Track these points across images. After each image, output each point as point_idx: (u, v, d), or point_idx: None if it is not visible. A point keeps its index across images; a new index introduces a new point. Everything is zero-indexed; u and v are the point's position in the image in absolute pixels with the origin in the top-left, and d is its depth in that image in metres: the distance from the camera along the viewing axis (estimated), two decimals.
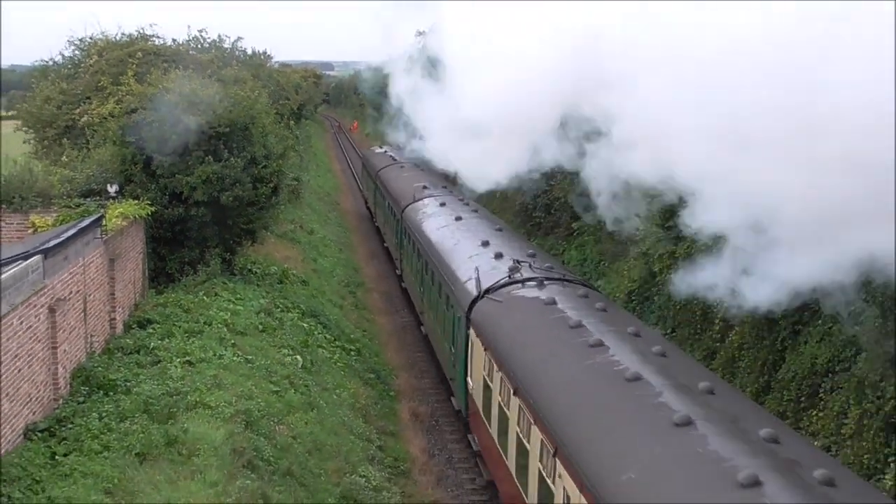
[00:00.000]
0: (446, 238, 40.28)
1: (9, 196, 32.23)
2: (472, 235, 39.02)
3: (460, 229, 40.95)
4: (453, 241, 39.05)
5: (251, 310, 34.72)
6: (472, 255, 35.06)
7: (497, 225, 43.45)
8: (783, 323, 28.82)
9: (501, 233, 40.19)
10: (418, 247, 44.67)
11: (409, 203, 52.41)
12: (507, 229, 43.45)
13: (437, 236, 41.59)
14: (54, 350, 22.60)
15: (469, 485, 30.53)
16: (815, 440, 25.04)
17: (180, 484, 20.10)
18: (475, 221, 43.24)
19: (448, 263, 36.40)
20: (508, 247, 35.90)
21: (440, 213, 46.40)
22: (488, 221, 44.40)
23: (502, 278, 30.55)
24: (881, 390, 23.59)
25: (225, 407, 24.39)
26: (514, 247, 36.33)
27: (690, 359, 26.04)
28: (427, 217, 47.08)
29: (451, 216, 44.23)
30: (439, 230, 42.31)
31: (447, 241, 39.61)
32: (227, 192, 36.12)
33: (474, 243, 36.90)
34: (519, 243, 38.58)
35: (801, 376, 27.31)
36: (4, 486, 17.75)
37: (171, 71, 40.19)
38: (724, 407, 18.15)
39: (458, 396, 33.24)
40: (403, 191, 57.20)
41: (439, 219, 45.03)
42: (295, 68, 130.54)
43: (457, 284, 33.44)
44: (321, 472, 25.26)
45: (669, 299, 37.82)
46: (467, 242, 37.88)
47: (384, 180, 67.82)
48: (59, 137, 44.54)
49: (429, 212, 48.15)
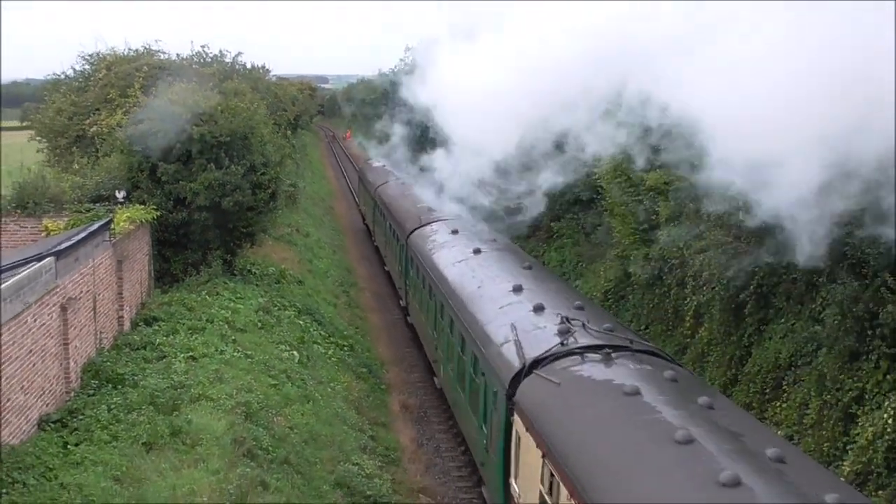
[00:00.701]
0: (466, 277, 32.73)
1: (23, 201, 32.36)
2: (498, 275, 31.35)
3: (482, 266, 33.48)
4: (476, 283, 31.23)
5: (250, 308, 34.75)
6: (504, 306, 27.25)
7: (525, 261, 34.27)
8: (749, 320, 28.96)
9: (532, 271, 31.80)
10: (430, 283, 37.14)
11: (415, 227, 44.78)
12: (537, 265, 34.93)
13: (453, 273, 34.10)
14: (66, 346, 22.61)
15: (455, 472, 30.59)
16: (779, 430, 25.16)
17: (184, 471, 20.12)
18: (497, 255, 35.33)
19: (473, 313, 28.54)
20: (546, 294, 27.79)
21: (454, 243, 38.70)
22: (512, 255, 36.08)
23: (553, 346, 22.29)
24: (840, 383, 23.73)
25: (226, 399, 24.45)
26: (553, 293, 28.19)
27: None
28: (438, 247, 39.38)
29: (468, 247, 36.58)
30: (456, 266, 34.94)
31: (468, 282, 31.90)
32: (228, 198, 36.19)
33: (503, 287, 29.19)
34: (557, 287, 30.42)
35: (766, 370, 27.43)
36: (20, 473, 17.78)
37: (175, 84, 40.20)
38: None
39: (495, 494, 24.51)
40: (407, 212, 49.65)
41: (453, 250, 37.44)
42: (291, 81, 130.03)
43: (489, 347, 25.24)
44: (317, 460, 25.26)
45: (643, 297, 37.98)
46: (494, 286, 30.05)
47: (385, 199, 59.24)
48: (70, 146, 44.62)
49: (439, 240, 40.54)
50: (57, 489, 17.73)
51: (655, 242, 35.48)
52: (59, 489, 17.75)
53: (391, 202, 56.35)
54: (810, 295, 25.98)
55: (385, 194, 60.34)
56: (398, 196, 56.64)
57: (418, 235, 43.35)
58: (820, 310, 25.03)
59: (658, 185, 35.21)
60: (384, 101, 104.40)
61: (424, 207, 48.91)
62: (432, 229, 43.19)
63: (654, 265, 36.19)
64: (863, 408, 22.85)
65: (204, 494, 19.13)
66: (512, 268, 32.50)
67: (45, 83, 53.24)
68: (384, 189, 62.15)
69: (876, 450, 21.51)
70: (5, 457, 18.09)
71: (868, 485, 21.37)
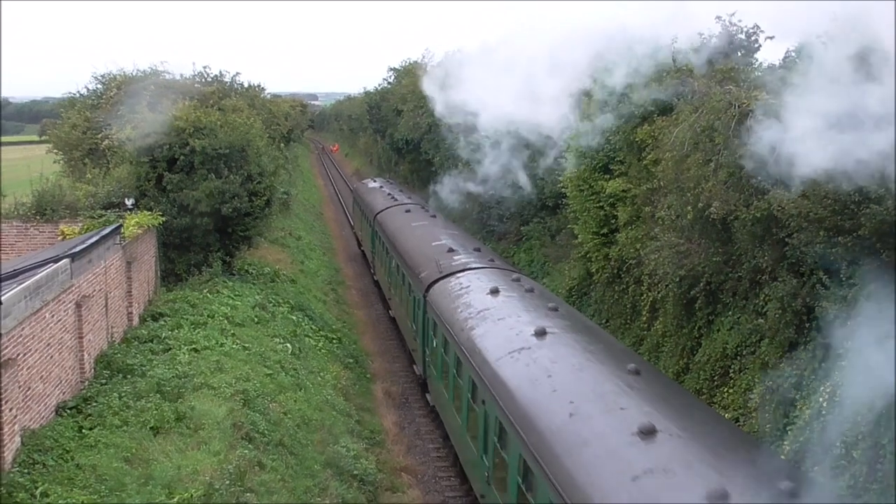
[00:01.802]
0: (541, 386, 19.70)
1: (42, 208, 32.43)
2: (595, 378, 19.27)
3: (559, 363, 20.62)
4: (565, 410, 18.08)
5: (248, 305, 34.75)
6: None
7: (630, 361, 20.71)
8: (700, 314, 29.09)
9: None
10: (474, 377, 23.60)
11: (435, 279, 32.01)
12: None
13: (519, 380, 20.54)
14: (80, 339, 22.58)
15: (434, 453, 30.67)
16: (726, 413, 25.30)
17: (188, 453, 20.14)
18: (570, 339, 22.51)
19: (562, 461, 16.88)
20: None
21: (505, 311, 25.62)
22: (591, 335, 23.20)
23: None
24: (780, 370, 23.88)
25: (226, 388, 24.48)
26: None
27: None
28: (477, 320, 25.67)
29: (529, 327, 23.20)
30: (514, 361, 21.55)
31: (551, 402, 18.81)
32: (227, 205, 36.27)
33: (604, 407, 17.60)
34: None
35: (715, 359, 27.54)
36: (40, 455, 17.80)
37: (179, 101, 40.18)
38: None
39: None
40: (421, 254, 37.03)
41: (508, 332, 23.62)
42: (284, 98, 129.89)
43: None
44: (308, 442, 25.30)
45: (604, 294, 38.11)
46: (588, 402, 18.03)
47: (388, 231, 46.32)
48: (84, 158, 44.46)
49: (475, 304, 27.16)
50: (73, 469, 17.75)
51: (615, 244, 35.64)
52: (76, 469, 17.76)
53: (397, 235, 43.69)
54: (754, 291, 26.12)
55: (388, 224, 47.64)
56: (404, 228, 44.49)
57: (441, 292, 30.67)
58: (763, 305, 25.16)
59: (617, 192, 35.38)
60: (369, 118, 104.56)
61: (443, 247, 36.78)
62: (460, 283, 30.50)
63: (613, 265, 36.35)
64: (800, 392, 22.99)
65: (206, 473, 19.16)
66: (612, 372, 19.48)
67: (62, 101, 53.23)
68: (386, 217, 49.56)
69: (812, 430, 21.67)
70: (27, 439, 18.13)
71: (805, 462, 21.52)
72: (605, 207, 36.45)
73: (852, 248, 19.89)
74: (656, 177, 30.85)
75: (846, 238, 19.77)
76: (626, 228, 34.69)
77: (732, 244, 26.37)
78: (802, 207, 20.85)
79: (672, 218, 28.88)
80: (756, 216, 23.96)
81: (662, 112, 32.52)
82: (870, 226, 18.68)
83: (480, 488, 23.28)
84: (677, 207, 28.27)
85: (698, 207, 26.47)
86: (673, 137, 28.76)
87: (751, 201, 24.16)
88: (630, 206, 34.44)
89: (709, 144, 26.62)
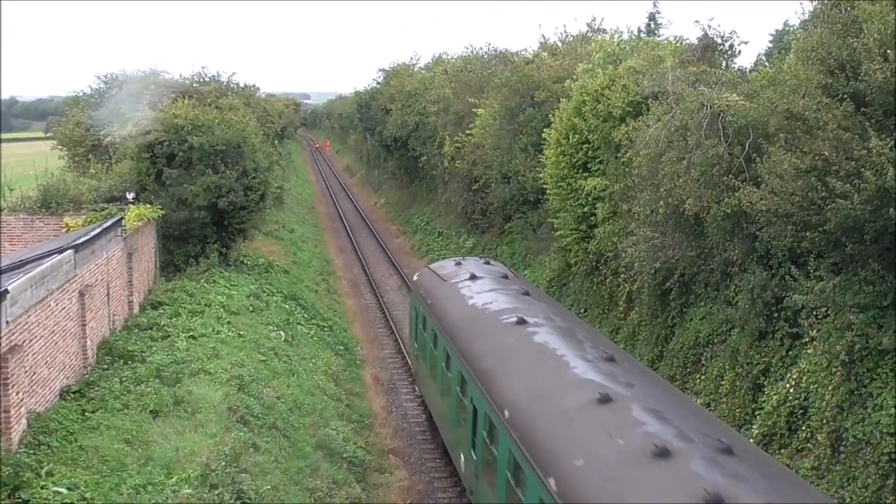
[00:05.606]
0: None
1: (47, 202, 32.39)
2: None
3: None
4: None
5: (243, 294, 34.73)
6: None
7: None
8: (673, 304, 29.16)
9: None
10: None
11: None
12: None
13: None
14: (83, 327, 22.54)
15: (420, 436, 30.67)
16: (698, 398, 25.39)
17: (186, 435, 20.12)
18: None
19: None
20: None
21: None
22: None
23: None
24: (750, 358, 23.98)
25: (222, 373, 24.46)
26: None
27: None
28: None
29: None
30: None
31: None
32: (224, 199, 36.27)
33: None
34: None
35: (688, 347, 27.63)
36: (45, 437, 17.78)
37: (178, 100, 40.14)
38: None
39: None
40: None
41: None
42: (278, 97, 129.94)
43: None
44: (300, 425, 25.30)
45: (582, 285, 38.16)
46: None
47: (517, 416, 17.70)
48: (87, 154, 44.48)
49: None
50: (76, 450, 17.72)
51: (594, 238, 35.66)
52: (79, 450, 17.73)
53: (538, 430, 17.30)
54: (725, 283, 26.20)
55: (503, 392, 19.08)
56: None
57: None
58: (733, 296, 25.24)
59: (595, 191, 35.34)
60: (359, 116, 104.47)
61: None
62: None
63: (591, 258, 36.39)
64: (769, 379, 23.09)
65: (203, 455, 19.14)
66: None
67: (66, 100, 53.25)
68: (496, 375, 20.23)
69: (779, 415, 21.76)
70: (33, 422, 18.11)
71: (773, 444, 21.63)
72: (584, 206, 36.37)
73: (819, 241, 19.95)
74: (632, 174, 30.87)
75: (813, 233, 19.83)
76: (604, 224, 34.69)
77: (705, 238, 26.43)
78: (771, 203, 20.91)
79: (647, 213, 28.92)
80: (727, 212, 24.04)
81: (637, 115, 32.55)
82: (835, 220, 18.73)
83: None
84: (651, 203, 28.32)
85: (671, 203, 26.53)
86: (648, 136, 28.81)
87: (722, 198, 24.23)
88: (608, 203, 34.45)
89: (682, 143, 26.68)
